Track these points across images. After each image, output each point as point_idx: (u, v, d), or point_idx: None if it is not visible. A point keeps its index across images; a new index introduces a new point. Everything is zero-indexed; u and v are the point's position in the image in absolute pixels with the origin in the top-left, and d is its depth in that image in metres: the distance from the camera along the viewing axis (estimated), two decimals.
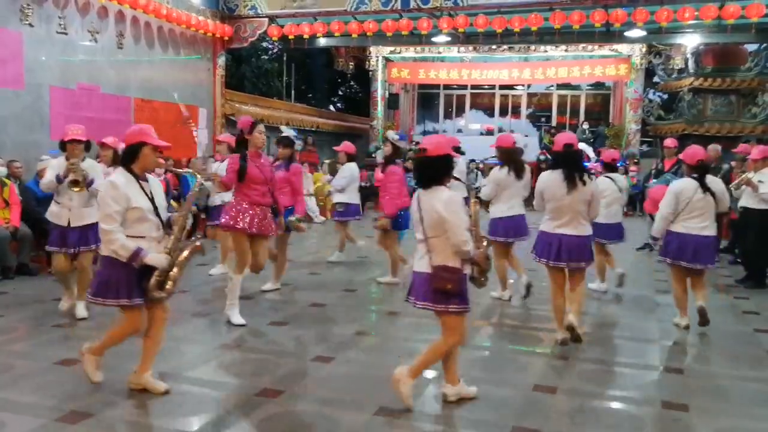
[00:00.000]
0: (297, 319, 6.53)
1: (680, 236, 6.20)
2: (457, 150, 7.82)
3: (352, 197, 9.57)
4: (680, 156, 6.90)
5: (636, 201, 17.90)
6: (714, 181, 6.27)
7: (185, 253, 4.38)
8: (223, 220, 6.34)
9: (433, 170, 4.23)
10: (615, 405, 4.60)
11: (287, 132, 7.78)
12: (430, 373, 4.99)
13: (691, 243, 6.15)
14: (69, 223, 6.25)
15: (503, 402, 4.53)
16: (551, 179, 5.62)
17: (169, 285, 4.32)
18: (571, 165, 5.59)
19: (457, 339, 4.34)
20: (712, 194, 6.12)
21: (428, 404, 4.53)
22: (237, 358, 5.40)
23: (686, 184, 6.22)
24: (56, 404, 4.30)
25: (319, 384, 4.79)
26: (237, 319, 6.23)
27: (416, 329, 6.14)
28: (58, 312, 6.55)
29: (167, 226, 4.44)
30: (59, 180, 6.13)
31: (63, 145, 6.25)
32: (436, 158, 4.21)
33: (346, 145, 9.55)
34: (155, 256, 4.26)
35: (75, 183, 6.05)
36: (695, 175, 6.21)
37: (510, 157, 7.30)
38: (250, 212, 6.18)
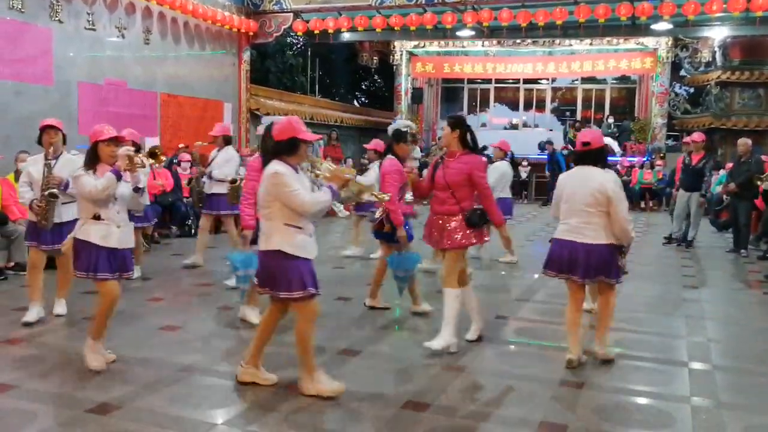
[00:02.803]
0: (322, 313, 6.54)
1: None
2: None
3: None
4: None
5: (662, 195, 17.77)
6: None
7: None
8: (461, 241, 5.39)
9: None
10: (643, 401, 4.57)
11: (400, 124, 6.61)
12: (453, 367, 5.00)
13: None
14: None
15: (530, 397, 4.52)
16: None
17: None
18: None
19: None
20: None
21: (454, 399, 4.53)
22: (265, 351, 5.43)
23: None
24: (86, 396, 4.37)
25: (344, 378, 4.80)
26: (254, 318, 6.04)
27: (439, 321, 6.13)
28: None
29: None
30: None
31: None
32: None
33: (376, 143, 9.19)
34: None
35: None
36: None
37: None
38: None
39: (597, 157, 5.10)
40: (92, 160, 4.82)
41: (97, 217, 4.74)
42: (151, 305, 6.91)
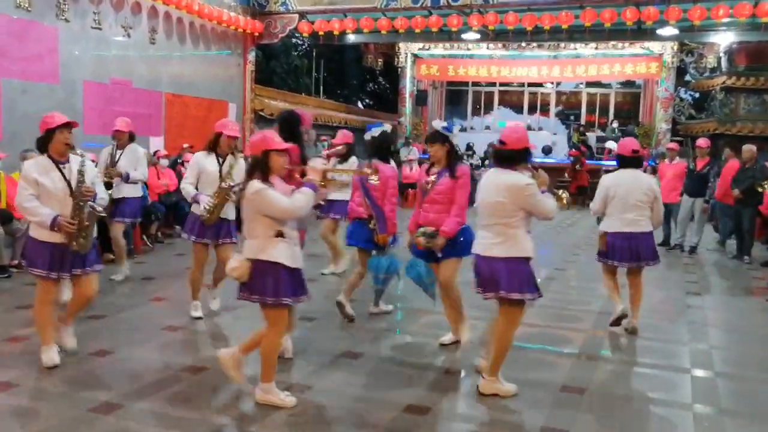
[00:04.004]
0: (325, 316, 6.55)
1: None
2: None
3: None
4: None
5: None
6: None
7: None
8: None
9: None
10: (644, 407, 4.57)
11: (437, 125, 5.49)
12: (455, 372, 5.02)
13: None
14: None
15: (532, 402, 4.52)
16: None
17: None
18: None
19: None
20: None
21: (456, 403, 4.53)
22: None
23: None
24: (89, 395, 4.38)
25: (346, 380, 4.81)
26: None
27: (438, 326, 6.14)
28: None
29: None
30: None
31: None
32: None
33: (345, 135, 8.61)
34: None
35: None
36: None
37: None
38: None
39: (640, 162, 6.28)
40: (264, 170, 4.14)
41: (280, 235, 4.19)
42: (154, 305, 6.93)
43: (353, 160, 8.08)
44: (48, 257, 4.76)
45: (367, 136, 6.29)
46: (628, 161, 6.14)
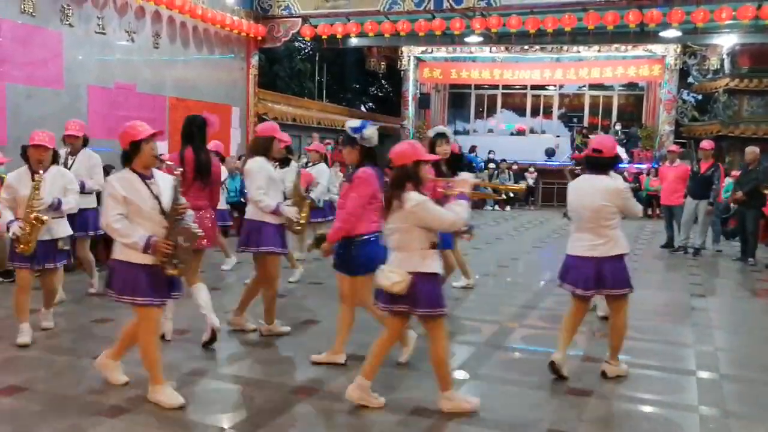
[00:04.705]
0: (329, 318, 6.55)
1: None
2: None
3: None
4: None
5: None
6: None
7: None
8: None
9: None
10: (650, 409, 4.56)
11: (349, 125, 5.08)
12: (460, 374, 5.03)
13: None
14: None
15: (538, 404, 4.52)
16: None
17: None
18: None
19: None
20: None
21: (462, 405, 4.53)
22: (271, 356, 5.46)
23: None
24: (96, 398, 4.39)
25: (351, 383, 4.81)
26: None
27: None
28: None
29: None
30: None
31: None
32: None
33: (317, 146, 8.74)
34: None
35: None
36: None
37: None
38: None
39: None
40: (416, 181, 4.12)
41: (434, 247, 4.19)
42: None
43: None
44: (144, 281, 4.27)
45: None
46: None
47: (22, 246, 5.37)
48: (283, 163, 7.31)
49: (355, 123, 4.98)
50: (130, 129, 4.28)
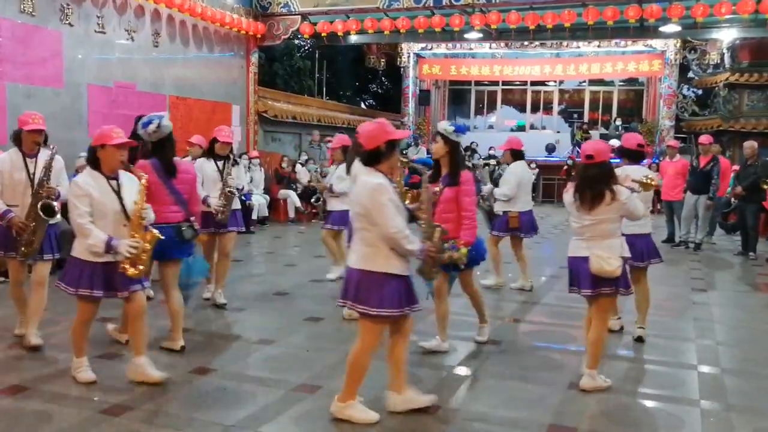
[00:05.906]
0: (332, 316, 6.57)
1: None
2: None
3: None
4: None
5: None
6: None
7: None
8: None
9: None
10: (652, 404, 4.58)
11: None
12: (463, 371, 5.04)
13: None
14: None
15: (539, 400, 4.54)
16: None
17: None
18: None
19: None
20: None
21: (463, 402, 4.55)
22: (274, 353, 5.47)
23: None
24: (101, 397, 4.41)
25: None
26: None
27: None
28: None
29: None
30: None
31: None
32: None
33: (342, 139, 8.04)
34: None
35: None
36: None
37: None
38: None
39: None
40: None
41: None
42: (161, 308, 6.93)
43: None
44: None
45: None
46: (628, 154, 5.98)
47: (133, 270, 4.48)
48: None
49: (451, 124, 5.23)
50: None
